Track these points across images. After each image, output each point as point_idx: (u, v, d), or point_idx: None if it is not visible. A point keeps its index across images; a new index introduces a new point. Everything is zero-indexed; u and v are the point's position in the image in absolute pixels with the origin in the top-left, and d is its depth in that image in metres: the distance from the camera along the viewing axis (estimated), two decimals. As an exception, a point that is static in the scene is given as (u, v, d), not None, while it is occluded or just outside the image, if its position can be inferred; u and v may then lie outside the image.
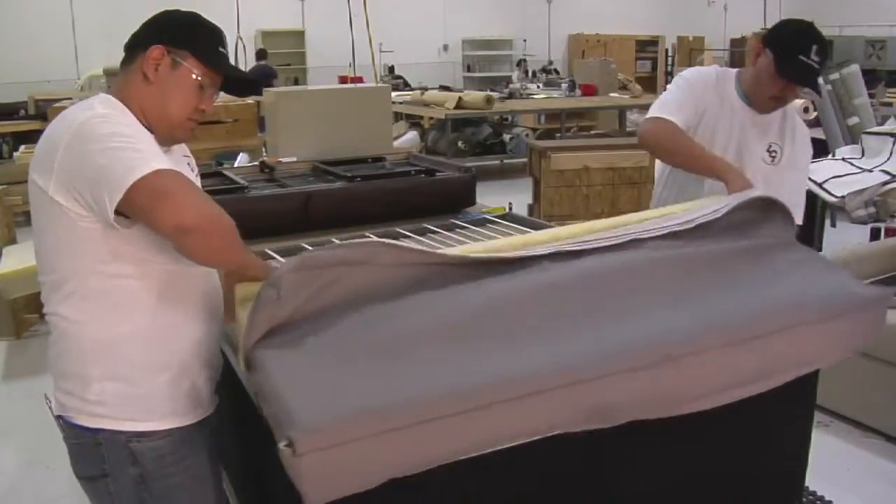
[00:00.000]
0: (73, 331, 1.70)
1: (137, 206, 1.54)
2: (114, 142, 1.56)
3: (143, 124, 1.71)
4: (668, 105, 2.65)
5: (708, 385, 1.71)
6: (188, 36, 1.76)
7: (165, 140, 1.78)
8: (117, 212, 1.56)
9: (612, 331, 1.67)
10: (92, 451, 1.73)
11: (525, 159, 8.17)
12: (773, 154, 2.71)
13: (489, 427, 1.49)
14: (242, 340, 1.61)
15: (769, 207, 2.13)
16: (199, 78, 1.75)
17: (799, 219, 2.57)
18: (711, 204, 2.14)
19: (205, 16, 1.81)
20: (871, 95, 8.71)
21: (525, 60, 15.57)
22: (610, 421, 1.62)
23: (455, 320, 1.65)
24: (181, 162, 1.86)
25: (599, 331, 1.67)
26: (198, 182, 1.90)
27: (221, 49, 1.81)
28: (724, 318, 1.76)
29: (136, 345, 1.70)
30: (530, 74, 14.59)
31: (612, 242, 1.93)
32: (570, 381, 1.55)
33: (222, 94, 1.89)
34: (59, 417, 1.77)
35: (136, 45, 1.76)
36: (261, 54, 12.90)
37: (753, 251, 2.02)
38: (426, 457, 1.46)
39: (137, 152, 1.55)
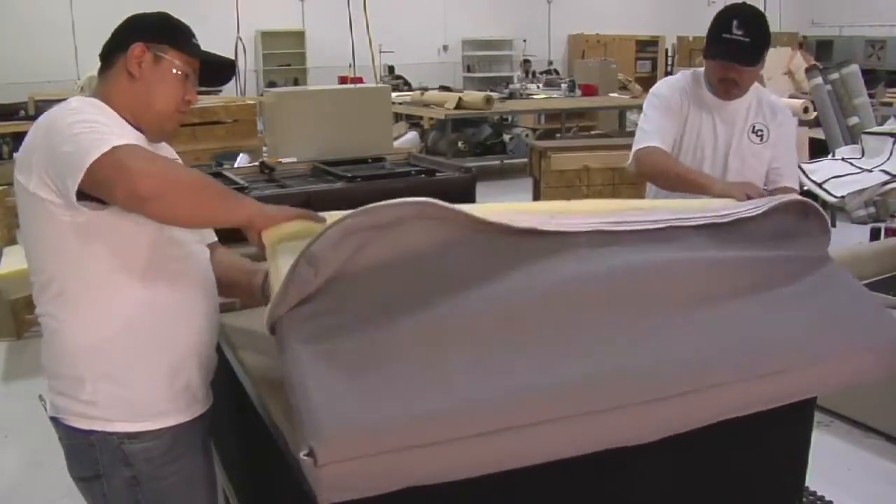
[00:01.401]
0: (62, 331, 1.69)
1: (101, 185, 1.54)
2: (77, 128, 1.57)
3: (132, 123, 1.73)
4: (649, 134, 2.76)
5: (716, 413, 1.70)
6: (164, 30, 1.80)
7: (155, 135, 1.80)
8: (90, 197, 1.57)
9: (634, 353, 1.62)
10: (85, 452, 1.73)
11: (525, 159, 8.18)
12: (760, 133, 2.80)
13: (513, 447, 1.47)
14: (271, 309, 1.53)
15: (808, 213, 2.07)
16: (181, 69, 1.78)
17: (796, 182, 2.86)
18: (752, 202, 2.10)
19: (205, 17, 1.87)
20: (871, 95, 8.71)
21: (529, 61, 15.57)
22: (619, 444, 1.61)
23: (486, 318, 1.58)
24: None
25: (622, 352, 1.62)
26: None
27: (194, 40, 1.85)
28: (748, 350, 1.72)
29: (126, 344, 1.69)
30: (530, 75, 14.59)
31: (652, 227, 1.87)
32: (583, 410, 1.52)
33: (221, 93, 1.91)
34: (53, 419, 1.76)
35: (114, 49, 1.78)
36: None
37: (788, 267, 1.96)
38: (447, 471, 1.44)
39: (98, 133, 1.55)
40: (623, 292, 1.72)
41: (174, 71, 1.77)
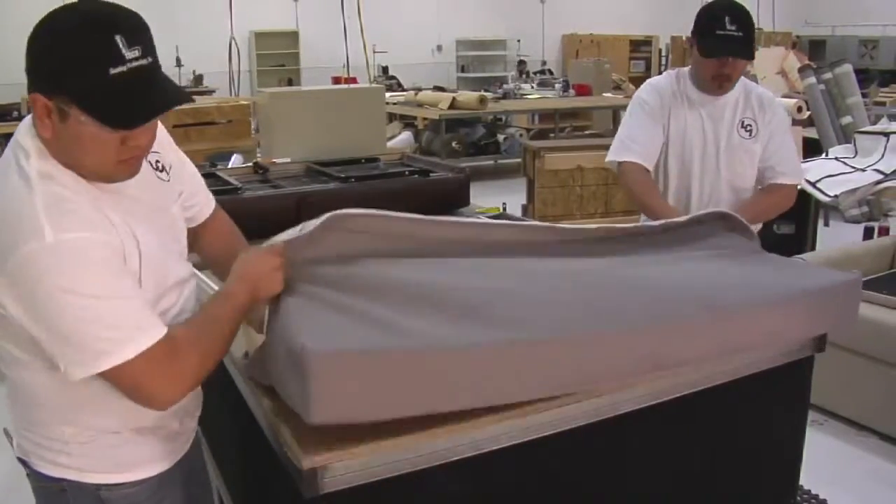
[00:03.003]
0: (28, 376, 1.48)
1: (105, 379, 1.38)
2: (82, 312, 1.31)
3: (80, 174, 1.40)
4: (627, 145, 2.85)
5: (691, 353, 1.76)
6: (60, 72, 1.30)
7: (104, 182, 1.44)
8: None
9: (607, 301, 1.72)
10: (56, 497, 1.57)
11: (519, 159, 8.18)
12: (749, 128, 2.79)
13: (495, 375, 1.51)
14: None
15: (729, 221, 2.18)
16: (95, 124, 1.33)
17: (801, 177, 2.87)
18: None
19: (198, 17, 1.59)
20: (864, 95, 8.73)
21: (524, 62, 15.58)
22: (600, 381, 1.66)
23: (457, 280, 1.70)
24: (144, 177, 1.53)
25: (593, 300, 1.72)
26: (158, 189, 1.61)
27: (115, 70, 1.29)
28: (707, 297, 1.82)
29: (102, 392, 1.44)
30: (524, 75, 14.59)
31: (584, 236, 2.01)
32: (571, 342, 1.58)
33: (215, 94, 1.79)
34: (21, 460, 1.60)
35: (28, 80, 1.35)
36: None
37: (723, 251, 2.09)
38: (433, 399, 1.45)
39: (111, 327, 1.33)
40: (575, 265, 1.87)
41: (88, 128, 1.32)
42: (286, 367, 1.43)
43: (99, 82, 1.30)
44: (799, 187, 2.88)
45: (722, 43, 2.62)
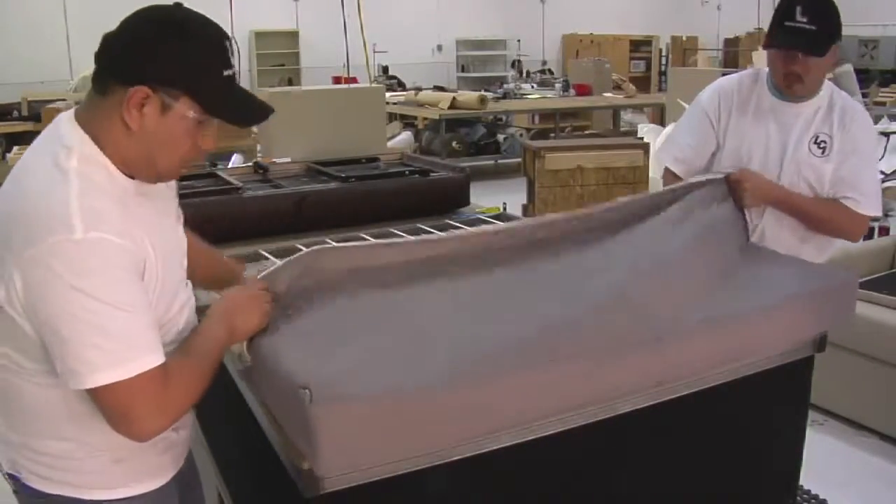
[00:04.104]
0: (22, 383, 1.44)
1: (93, 399, 1.35)
2: (87, 317, 1.29)
3: (122, 171, 1.42)
4: (667, 147, 2.67)
5: (692, 365, 1.78)
6: (183, 67, 1.38)
7: (151, 181, 1.49)
8: None
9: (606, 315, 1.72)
10: None
11: (519, 159, 8.17)
12: (823, 145, 2.42)
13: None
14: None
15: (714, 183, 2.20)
16: (195, 120, 1.41)
17: (876, 209, 2.42)
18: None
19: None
20: (864, 95, 8.73)
21: (520, 61, 15.57)
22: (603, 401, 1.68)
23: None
24: (153, 205, 1.52)
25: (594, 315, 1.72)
26: (173, 204, 1.64)
27: (227, 72, 1.42)
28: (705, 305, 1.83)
29: (89, 409, 1.40)
30: (524, 74, 14.59)
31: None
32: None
33: None
34: (10, 476, 1.54)
35: (110, 73, 1.40)
36: None
37: (717, 248, 2.10)
38: (440, 437, 1.47)
39: (109, 340, 1.30)
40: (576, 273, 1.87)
41: (187, 121, 1.40)
42: (290, 408, 1.43)
43: (218, 83, 1.41)
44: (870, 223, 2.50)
45: (787, 35, 2.31)
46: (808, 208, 2.43)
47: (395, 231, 2.82)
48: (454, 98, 10.14)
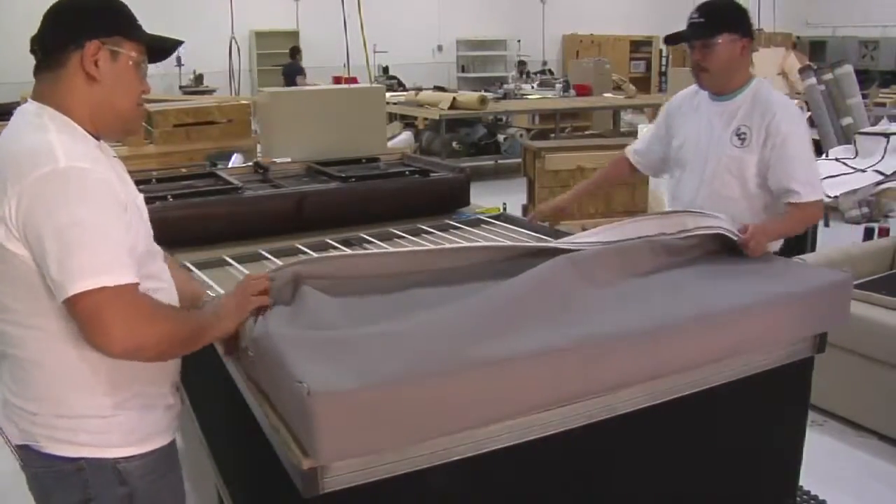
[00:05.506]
0: (33, 350, 1.57)
1: (72, 312, 1.47)
2: (72, 232, 1.44)
3: (88, 131, 1.61)
4: (638, 140, 3.13)
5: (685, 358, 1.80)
6: (112, 20, 1.64)
7: (118, 135, 1.77)
8: None
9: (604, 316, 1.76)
10: (70, 477, 1.61)
11: (519, 160, 8.16)
12: (743, 136, 2.63)
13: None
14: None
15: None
16: (136, 60, 1.65)
17: (818, 193, 2.62)
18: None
19: (199, 17, 1.79)
20: (864, 96, 8.74)
21: (524, 62, 15.58)
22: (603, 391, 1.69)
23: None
24: (114, 165, 1.70)
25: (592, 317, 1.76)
26: (130, 187, 1.71)
27: (137, 22, 1.70)
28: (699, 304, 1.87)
29: (112, 367, 1.57)
30: (525, 75, 14.59)
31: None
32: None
33: (216, 93, 1.86)
34: (22, 447, 1.64)
35: (59, 46, 1.60)
36: (293, 52, 13.36)
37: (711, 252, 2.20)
38: (438, 421, 1.47)
39: (92, 255, 1.44)
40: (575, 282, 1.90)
41: (130, 64, 1.64)
42: (289, 400, 1.46)
43: (139, 25, 1.68)
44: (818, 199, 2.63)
45: (686, 30, 2.63)
46: (784, 229, 2.65)
47: (396, 231, 2.82)
48: (454, 98, 10.14)
